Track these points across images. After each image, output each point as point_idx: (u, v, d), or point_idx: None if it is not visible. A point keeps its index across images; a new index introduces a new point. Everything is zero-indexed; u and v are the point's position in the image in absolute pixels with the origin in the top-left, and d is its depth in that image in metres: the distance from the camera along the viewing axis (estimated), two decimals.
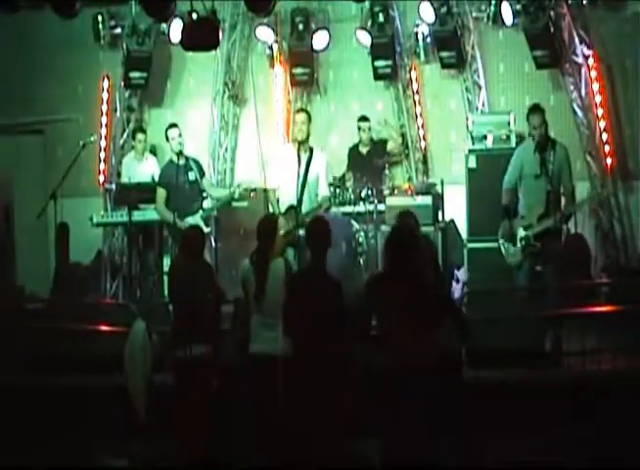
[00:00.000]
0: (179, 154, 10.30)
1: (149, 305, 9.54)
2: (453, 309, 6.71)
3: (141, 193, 11.30)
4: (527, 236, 9.21)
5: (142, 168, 11.91)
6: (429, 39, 12.02)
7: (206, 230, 10.03)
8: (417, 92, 12.20)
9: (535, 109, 9.44)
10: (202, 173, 10.51)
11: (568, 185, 9.33)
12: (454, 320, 6.56)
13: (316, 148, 9.98)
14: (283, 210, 9.75)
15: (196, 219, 10.13)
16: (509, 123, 11.20)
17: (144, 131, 12.28)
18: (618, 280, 10.51)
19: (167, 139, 10.42)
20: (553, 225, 9.10)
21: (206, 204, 10.57)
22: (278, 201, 9.92)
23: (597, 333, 8.78)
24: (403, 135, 12.27)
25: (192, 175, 10.32)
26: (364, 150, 11.57)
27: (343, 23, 12.28)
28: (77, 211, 11.82)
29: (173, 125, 10.52)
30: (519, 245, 9.27)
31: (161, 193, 10.36)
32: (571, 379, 8.22)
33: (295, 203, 9.62)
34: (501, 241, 9.46)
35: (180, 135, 10.37)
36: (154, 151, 12.35)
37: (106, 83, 12.61)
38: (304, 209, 9.66)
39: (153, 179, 11.76)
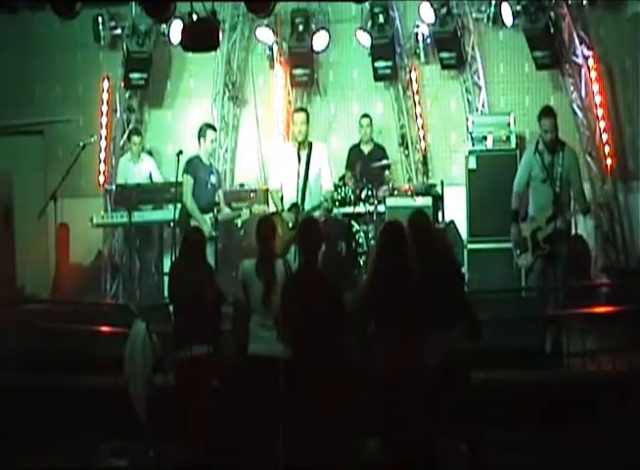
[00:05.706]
0: (209, 156, 10.20)
1: (149, 306, 9.54)
2: (467, 309, 6.72)
3: (141, 194, 11.33)
4: (536, 239, 9.18)
5: (138, 170, 11.92)
6: (429, 40, 12.02)
7: (214, 234, 9.84)
8: (417, 93, 12.19)
9: (548, 112, 9.35)
10: (219, 184, 10.34)
11: (577, 188, 9.28)
12: (467, 319, 6.57)
13: (315, 142, 9.95)
14: (286, 208, 9.75)
15: (206, 221, 10.07)
16: (509, 124, 11.23)
17: (139, 133, 12.27)
18: (618, 281, 10.51)
19: (200, 138, 10.08)
20: (561, 227, 9.02)
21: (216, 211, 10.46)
22: (282, 199, 9.90)
23: (597, 333, 8.80)
24: (403, 136, 12.29)
25: (214, 179, 10.12)
26: (365, 149, 11.57)
27: (344, 23, 12.28)
28: (77, 212, 11.84)
29: (212, 127, 10.41)
30: (529, 247, 9.24)
31: (189, 181, 9.93)
32: (570, 379, 8.23)
33: (297, 201, 9.61)
34: (512, 244, 9.44)
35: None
36: (151, 152, 12.34)
37: (106, 84, 12.60)
38: (307, 206, 9.67)
39: (151, 178, 11.79)
